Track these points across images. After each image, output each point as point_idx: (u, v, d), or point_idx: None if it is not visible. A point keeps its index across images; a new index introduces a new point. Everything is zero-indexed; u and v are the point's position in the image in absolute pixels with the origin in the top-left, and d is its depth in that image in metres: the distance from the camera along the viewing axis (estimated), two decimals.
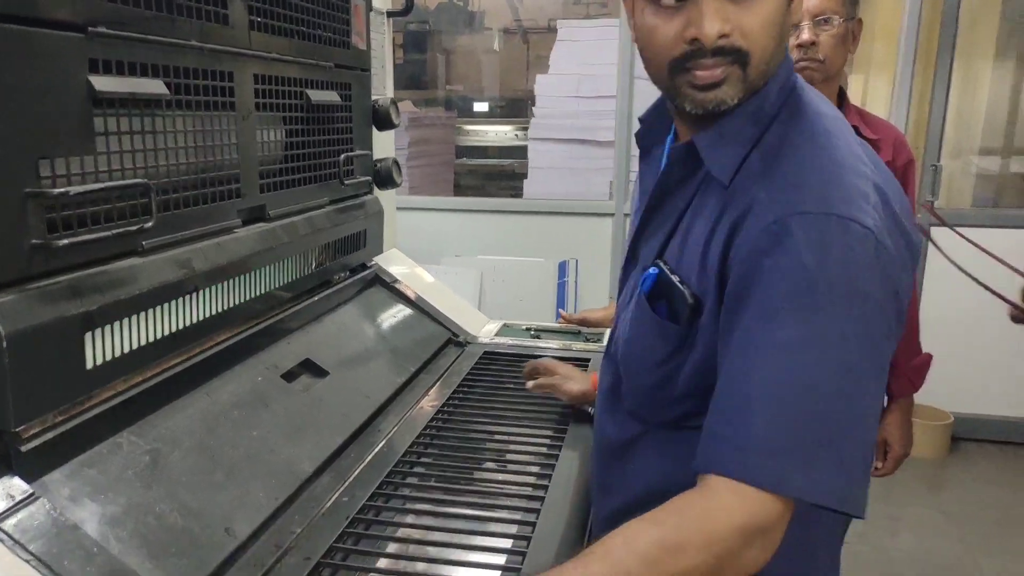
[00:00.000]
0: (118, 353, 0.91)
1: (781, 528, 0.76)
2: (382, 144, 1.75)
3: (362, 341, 1.48)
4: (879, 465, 1.77)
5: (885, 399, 1.72)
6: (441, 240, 3.81)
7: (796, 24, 1.54)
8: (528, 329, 1.84)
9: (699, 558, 0.73)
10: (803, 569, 0.96)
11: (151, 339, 0.97)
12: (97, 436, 0.88)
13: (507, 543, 0.98)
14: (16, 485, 0.77)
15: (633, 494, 0.97)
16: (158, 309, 0.97)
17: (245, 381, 1.14)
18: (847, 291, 0.76)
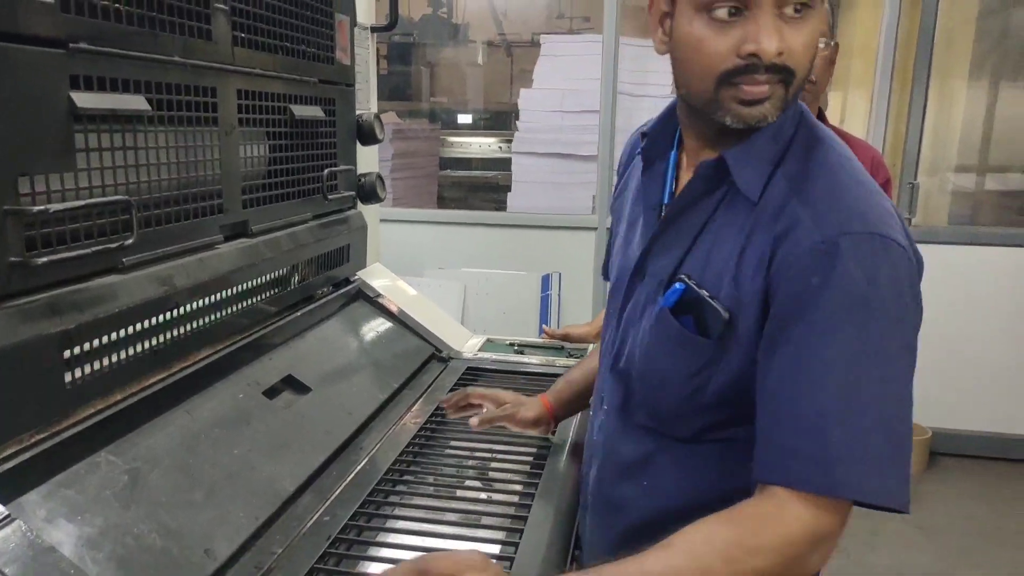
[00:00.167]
0: (97, 371, 0.90)
1: (842, 532, 0.82)
2: (366, 158, 1.75)
3: (345, 357, 1.48)
4: None
5: None
6: (424, 252, 3.80)
7: None
8: (511, 344, 1.84)
9: (772, 560, 0.79)
10: None
11: (131, 357, 0.96)
12: (75, 455, 0.87)
13: None
14: None
15: (653, 510, 0.98)
16: (138, 326, 0.97)
17: (226, 398, 1.13)
18: (895, 306, 0.82)
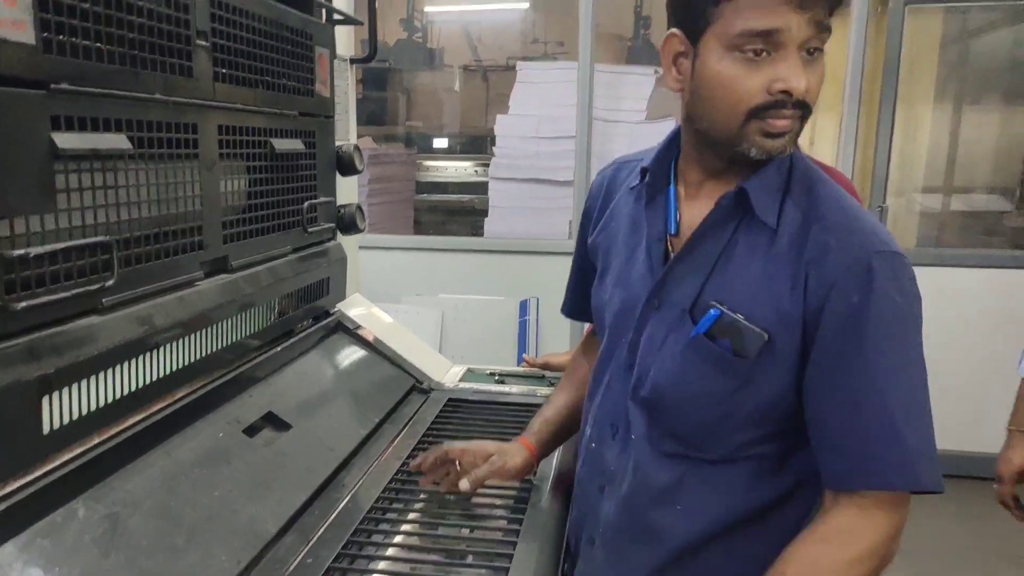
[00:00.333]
0: (76, 416, 0.88)
1: None
2: (345, 189, 1.74)
3: (325, 391, 1.46)
4: None
5: None
6: (402, 279, 3.79)
7: None
8: (492, 374, 1.84)
9: (872, 564, 0.90)
10: None
11: (110, 399, 0.94)
12: (53, 503, 0.85)
13: None
14: None
15: (693, 534, 1.00)
16: (118, 368, 0.95)
17: (206, 438, 1.12)
18: (917, 315, 0.92)
